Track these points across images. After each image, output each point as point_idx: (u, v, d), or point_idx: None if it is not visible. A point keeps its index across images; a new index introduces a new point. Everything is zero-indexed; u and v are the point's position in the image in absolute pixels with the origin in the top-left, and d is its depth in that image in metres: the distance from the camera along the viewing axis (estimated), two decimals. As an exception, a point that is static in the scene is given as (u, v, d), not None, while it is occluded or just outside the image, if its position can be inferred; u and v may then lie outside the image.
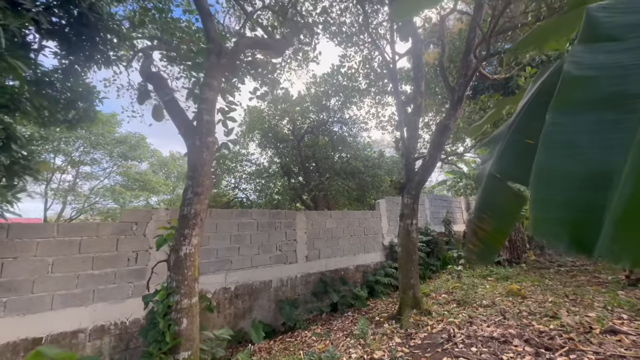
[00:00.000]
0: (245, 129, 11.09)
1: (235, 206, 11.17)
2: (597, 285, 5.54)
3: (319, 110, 10.94)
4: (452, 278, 7.95)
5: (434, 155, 5.30)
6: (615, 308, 4.25)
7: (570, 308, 4.40)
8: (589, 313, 4.13)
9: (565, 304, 4.61)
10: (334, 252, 7.77)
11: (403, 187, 5.71)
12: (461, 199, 14.13)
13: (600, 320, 3.85)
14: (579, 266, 7.56)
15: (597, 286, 5.50)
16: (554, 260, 8.48)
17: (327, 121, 11.16)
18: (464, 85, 5.24)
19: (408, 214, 5.57)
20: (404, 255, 5.52)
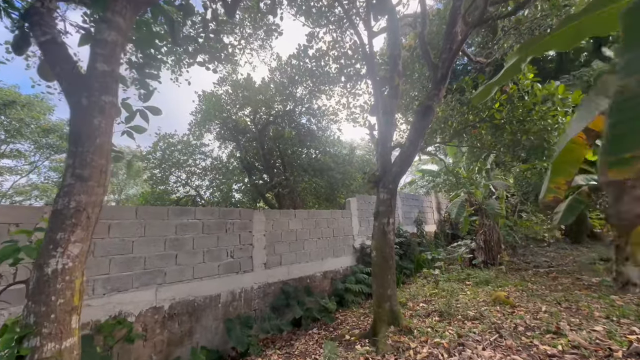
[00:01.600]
0: (201, 118, 9.72)
1: (187, 205, 9.75)
2: (585, 290, 5.06)
3: (285, 99, 9.88)
4: (428, 283, 7.27)
5: (414, 141, 4.49)
6: (620, 319, 3.67)
7: (570, 320, 3.76)
8: (595, 326, 3.50)
9: (562, 315, 3.98)
10: (298, 258, 6.75)
11: (378, 180, 4.84)
12: (432, 198, 13.77)
13: (612, 335, 3.21)
14: (556, 267, 7.22)
15: (586, 290, 5.01)
16: (528, 260, 8.14)
17: (294, 112, 10.13)
18: (449, 61, 4.50)
19: (384, 211, 4.70)
20: (379, 260, 4.64)
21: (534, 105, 4.71)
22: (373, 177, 4.94)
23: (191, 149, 8.97)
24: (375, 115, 4.96)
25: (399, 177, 4.78)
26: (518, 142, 5.14)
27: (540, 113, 4.58)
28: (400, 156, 4.70)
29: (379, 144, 4.88)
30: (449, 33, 4.58)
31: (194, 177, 9.00)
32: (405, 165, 4.69)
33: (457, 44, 4.45)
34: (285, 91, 9.54)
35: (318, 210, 7.62)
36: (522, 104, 4.81)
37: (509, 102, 4.91)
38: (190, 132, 9.64)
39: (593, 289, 5.06)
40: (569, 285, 5.48)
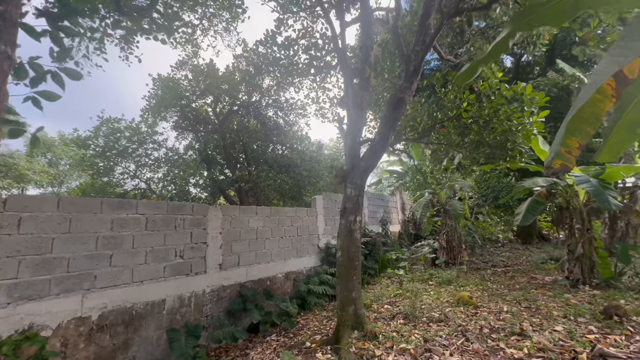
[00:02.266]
0: (155, 104, 8.80)
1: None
2: (541, 288, 5.18)
3: (251, 89, 9.30)
4: (393, 283, 7.16)
5: (385, 134, 4.25)
6: (577, 318, 3.70)
7: (531, 320, 3.74)
8: (555, 326, 3.49)
9: (523, 315, 3.97)
10: (258, 258, 6.26)
11: (346, 175, 4.54)
12: (397, 198, 13.93)
13: (573, 336, 3.19)
14: (512, 266, 7.48)
15: (542, 289, 5.13)
16: (486, 260, 8.38)
17: (260, 103, 9.59)
18: (422, 54, 4.33)
19: (351, 208, 4.41)
20: (344, 260, 4.33)
21: (501, 106, 4.70)
22: (341, 172, 4.64)
23: (142, 137, 8.04)
24: (344, 107, 4.66)
25: (367, 172, 4.52)
26: (483, 142, 5.13)
27: (506, 113, 4.58)
28: (369, 150, 4.43)
29: (348, 136, 4.58)
30: (423, 25, 4.42)
31: (145, 168, 8.09)
32: (374, 159, 4.44)
33: (430, 36, 4.29)
34: (251, 81, 8.96)
35: (282, 208, 7.18)
36: (489, 103, 4.78)
37: (477, 101, 4.87)
38: (143, 118, 8.68)
39: (548, 288, 5.21)
40: (526, 284, 5.61)
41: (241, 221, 6.07)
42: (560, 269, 6.13)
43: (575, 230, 5.39)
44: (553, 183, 5.24)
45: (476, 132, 5.18)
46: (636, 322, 3.45)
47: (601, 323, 3.46)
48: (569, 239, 5.48)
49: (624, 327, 3.29)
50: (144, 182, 8.29)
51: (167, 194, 7.47)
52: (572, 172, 5.23)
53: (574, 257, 5.22)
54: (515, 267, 7.32)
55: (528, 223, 5.28)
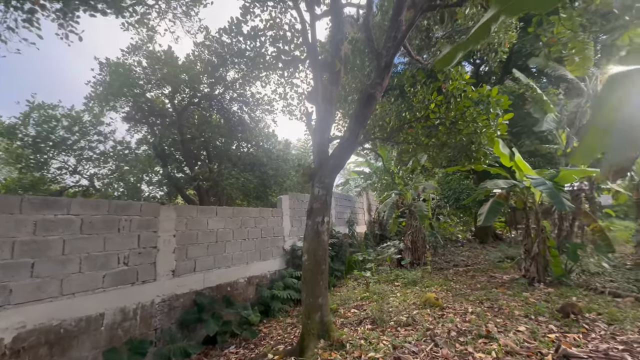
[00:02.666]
0: (103, 92, 7.87)
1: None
2: (501, 287, 5.34)
3: (214, 82, 8.71)
4: (359, 285, 7.05)
5: (355, 131, 4.06)
6: (537, 317, 3.79)
7: (496, 321, 3.76)
8: (518, 327, 3.52)
9: (487, 315, 3.99)
10: (218, 262, 5.78)
11: (313, 174, 4.28)
12: (364, 199, 14.00)
13: (536, 336, 3.21)
14: (472, 265, 7.73)
15: (502, 288, 5.28)
16: (448, 260, 8.61)
17: (224, 97, 9.02)
18: (393, 50, 4.21)
19: (318, 209, 4.16)
20: (311, 264, 4.07)
21: (467, 108, 4.74)
22: (308, 170, 4.37)
23: (84, 128, 7.10)
24: (313, 102, 4.40)
25: (336, 170, 4.30)
26: (449, 143, 5.17)
27: (472, 115, 4.63)
28: (339, 147, 4.22)
29: (316, 133, 4.33)
30: (395, 21, 4.31)
31: (88, 163, 7.16)
32: (343, 157, 4.24)
33: (402, 32, 4.18)
34: (214, 72, 8.37)
35: (245, 208, 6.74)
36: (456, 105, 4.81)
37: (445, 103, 4.87)
38: (87, 107, 7.71)
39: (507, 286, 5.38)
40: (486, 284, 5.77)
41: (199, 222, 5.55)
42: (517, 267, 6.41)
43: (531, 231, 5.64)
44: (513, 185, 5.44)
45: (443, 133, 5.21)
46: (589, 319, 3.60)
47: (560, 321, 3.56)
48: (525, 239, 5.72)
49: (580, 325, 3.41)
50: (86, 178, 7.33)
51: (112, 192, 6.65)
52: (528, 174, 5.47)
53: (530, 256, 5.46)
54: (475, 266, 7.57)
55: (490, 223, 5.42)
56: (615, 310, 3.75)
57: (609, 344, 2.90)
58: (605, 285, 4.89)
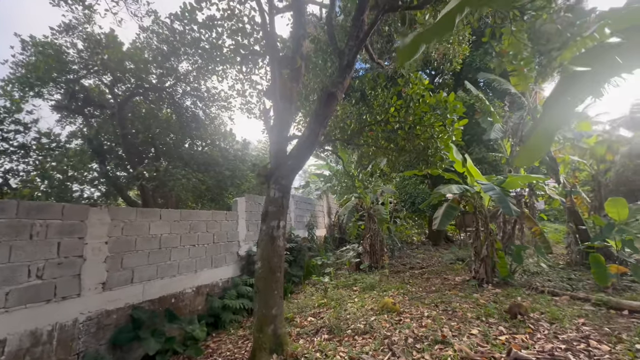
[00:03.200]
0: (26, 75, 6.76)
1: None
2: (453, 289, 5.48)
3: (165, 73, 7.98)
4: (317, 291, 6.84)
5: (315, 130, 3.86)
6: (488, 319, 3.88)
7: (450, 325, 3.78)
8: (472, 329, 3.56)
9: (442, 319, 4.01)
10: (162, 271, 5.18)
11: (270, 174, 3.99)
12: (324, 202, 13.91)
13: (488, 339, 3.25)
14: (426, 267, 7.94)
15: (454, 290, 5.43)
16: (405, 262, 8.78)
17: (175, 90, 8.31)
18: (355, 48, 4.11)
19: (274, 212, 3.87)
20: (264, 272, 3.75)
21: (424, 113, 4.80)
22: (264, 171, 4.06)
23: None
24: (271, 98, 4.11)
25: (294, 171, 4.05)
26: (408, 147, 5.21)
27: (430, 120, 4.69)
28: (297, 147, 3.98)
29: (274, 131, 4.05)
30: (357, 20, 4.21)
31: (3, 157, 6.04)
32: (302, 157, 4.00)
33: (364, 32, 4.09)
34: (164, 62, 7.67)
35: (195, 211, 6.18)
36: (415, 110, 4.85)
37: (405, 107, 4.90)
38: (4, 91, 6.54)
39: (459, 288, 5.54)
40: (440, 286, 5.91)
41: (139, 227, 4.92)
42: (468, 269, 6.69)
43: (481, 234, 5.91)
44: (465, 190, 5.66)
45: (402, 138, 5.23)
46: (534, 318, 3.78)
47: (508, 322, 3.68)
48: (475, 242, 5.98)
49: (526, 326, 3.54)
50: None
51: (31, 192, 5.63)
52: (479, 180, 5.72)
53: (480, 258, 5.71)
54: (429, 268, 7.79)
55: (445, 227, 5.57)
56: (555, 309, 3.99)
57: (553, 344, 3.02)
58: (544, 285, 5.27)
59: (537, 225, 5.80)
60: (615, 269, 4.78)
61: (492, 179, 5.87)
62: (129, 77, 7.65)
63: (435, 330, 3.61)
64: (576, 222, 6.71)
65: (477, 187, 5.67)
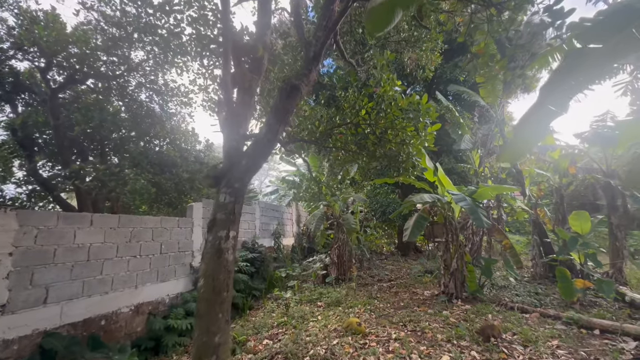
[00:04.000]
0: None
1: None
2: (422, 306, 5.16)
3: (118, 61, 7.13)
4: (279, 307, 6.23)
5: (274, 126, 3.37)
6: (459, 341, 3.54)
7: (419, 349, 3.38)
8: (442, 355, 3.18)
9: (411, 342, 3.61)
10: (90, 288, 4.37)
11: (220, 176, 3.43)
12: (293, 209, 13.35)
13: (460, 367, 2.87)
14: (395, 280, 7.63)
15: (423, 306, 5.10)
16: (373, 274, 8.44)
17: (128, 81, 7.47)
18: (323, 39, 3.70)
19: (223, 220, 3.30)
20: (208, 292, 3.14)
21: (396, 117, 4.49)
22: (214, 171, 3.48)
23: None
24: (223, 88, 3.56)
25: (250, 173, 3.51)
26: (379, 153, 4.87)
27: (402, 123, 4.39)
28: (254, 145, 3.46)
29: (227, 126, 3.50)
30: (327, 9, 3.83)
31: None
32: (260, 157, 3.48)
33: (333, 21, 3.71)
34: (114, 49, 6.84)
35: (139, 217, 5.39)
36: (386, 114, 4.53)
37: (376, 109, 4.56)
38: None
39: (428, 304, 5.23)
40: (409, 301, 5.57)
41: (60, 235, 4.10)
42: (437, 282, 6.44)
43: (451, 246, 5.68)
44: (437, 200, 5.41)
45: (372, 142, 4.89)
46: (507, 340, 3.50)
47: (481, 346, 3.36)
48: (444, 254, 5.74)
49: (500, 350, 3.23)
50: None
51: None
52: (450, 190, 5.51)
53: (449, 272, 5.45)
54: (398, 281, 7.48)
55: (415, 238, 5.27)
56: (527, 329, 3.75)
57: (530, 373, 2.71)
58: (513, 300, 5.10)
59: (507, 238, 5.72)
60: (581, 283, 4.71)
61: (463, 189, 5.69)
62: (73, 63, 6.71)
63: (404, 357, 3.20)
64: (540, 234, 6.75)
65: (448, 197, 5.45)
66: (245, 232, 9.01)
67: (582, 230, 5.51)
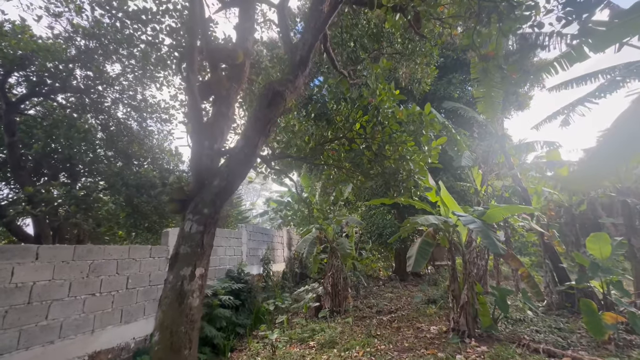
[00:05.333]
0: None
1: None
2: (430, 347, 4.43)
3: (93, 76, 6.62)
4: (265, 348, 5.41)
5: (253, 139, 2.80)
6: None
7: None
8: None
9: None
10: (28, 338, 3.59)
11: (188, 199, 2.81)
12: (284, 233, 12.60)
13: None
14: (396, 311, 6.88)
15: (432, 349, 4.37)
16: (371, 304, 7.66)
17: (103, 96, 6.93)
18: (311, 41, 3.24)
19: (188, 255, 2.65)
20: (164, 351, 2.43)
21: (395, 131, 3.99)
22: (179, 194, 2.86)
23: None
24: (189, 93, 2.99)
25: (223, 196, 2.88)
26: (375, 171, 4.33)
27: (401, 137, 3.88)
28: (228, 162, 2.87)
29: (195, 139, 2.91)
30: (315, 9, 3.41)
31: None
32: (235, 176, 2.88)
33: (321, 21, 3.26)
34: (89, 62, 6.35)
35: (100, 247, 4.65)
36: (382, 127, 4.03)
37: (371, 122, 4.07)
38: None
39: (437, 345, 4.51)
40: (414, 340, 4.85)
41: (-9, 273, 3.36)
42: (444, 316, 5.73)
43: (458, 274, 5.04)
44: (444, 222, 4.83)
45: (368, 159, 4.36)
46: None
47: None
48: (452, 284, 5.09)
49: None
50: None
51: None
52: (455, 211, 4.95)
53: (459, 305, 4.77)
54: (399, 312, 6.73)
55: (421, 268, 4.63)
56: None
57: None
58: (534, 339, 4.43)
59: (523, 265, 5.12)
60: (612, 318, 4.09)
61: (468, 209, 5.14)
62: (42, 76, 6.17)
63: None
64: (553, 259, 6.17)
65: (453, 218, 4.88)
66: (230, 260, 8.22)
67: (601, 254, 4.96)
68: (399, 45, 5.83)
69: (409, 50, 6.38)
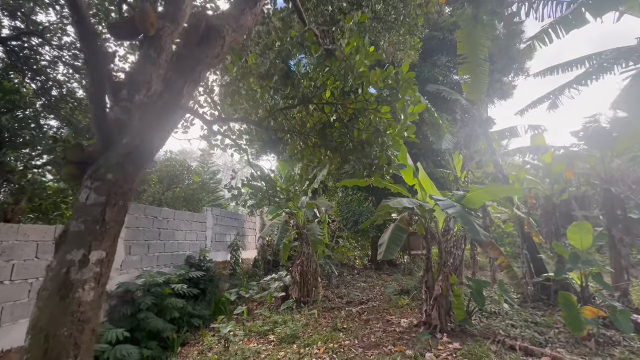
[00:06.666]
0: None
1: None
2: (399, 343, 4.01)
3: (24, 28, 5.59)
4: (220, 342, 4.84)
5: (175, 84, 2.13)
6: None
7: None
8: None
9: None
10: None
11: (88, 160, 2.12)
12: (257, 218, 11.96)
13: None
14: (367, 302, 6.48)
15: (400, 345, 3.95)
16: (342, 294, 7.23)
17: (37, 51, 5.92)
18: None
19: (80, 233, 1.98)
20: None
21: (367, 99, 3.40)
22: (77, 155, 2.16)
23: None
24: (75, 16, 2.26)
25: (138, 158, 2.20)
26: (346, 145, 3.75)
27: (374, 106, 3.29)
28: (142, 114, 2.18)
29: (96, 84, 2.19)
30: None
31: None
32: (153, 132, 2.20)
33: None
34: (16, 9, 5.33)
35: (12, 226, 3.86)
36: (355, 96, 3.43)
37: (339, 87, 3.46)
38: None
39: (406, 341, 4.09)
40: (382, 335, 4.43)
41: None
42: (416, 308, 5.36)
43: (432, 264, 4.62)
44: (419, 206, 4.34)
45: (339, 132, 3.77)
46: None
47: None
48: (425, 274, 4.67)
49: None
50: None
51: None
52: (434, 195, 4.49)
53: (432, 297, 4.36)
54: (370, 303, 6.34)
55: (392, 256, 4.17)
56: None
57: None
58: (510, 334, 4.10)
59: (503, 255, 4.78)
60: (591, 313, 3.79)
61: (448, 194, 4.70)
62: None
63: None
64: (531, 250, 5.91)
65: (431, 203, 4.41)
66: (192, 245, 7.53)
67: (582, 245, 4.67)
68: (381, 9, 5.20)
69: (392, 17, 5.78)
